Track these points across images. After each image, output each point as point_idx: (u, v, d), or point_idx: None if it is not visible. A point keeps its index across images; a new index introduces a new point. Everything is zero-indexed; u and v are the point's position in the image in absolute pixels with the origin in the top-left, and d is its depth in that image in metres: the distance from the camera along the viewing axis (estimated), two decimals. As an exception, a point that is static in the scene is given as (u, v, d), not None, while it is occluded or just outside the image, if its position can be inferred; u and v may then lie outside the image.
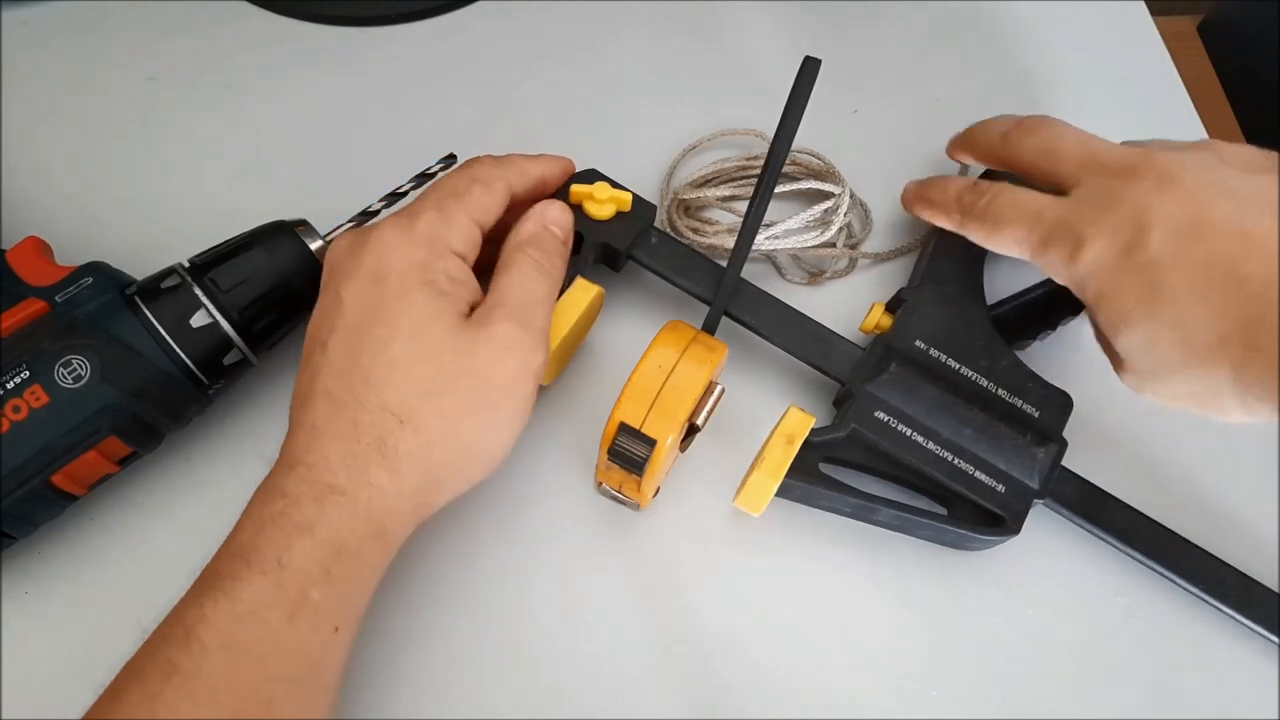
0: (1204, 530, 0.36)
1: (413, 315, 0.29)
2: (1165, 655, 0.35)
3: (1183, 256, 0.29)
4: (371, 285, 0.30)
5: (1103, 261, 0.30)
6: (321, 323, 0.30)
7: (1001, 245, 0.34)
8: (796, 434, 0.32)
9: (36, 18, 0.44)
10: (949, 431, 0.34)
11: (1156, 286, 0.29)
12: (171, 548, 0.34)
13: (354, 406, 0.28)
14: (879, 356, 0.35)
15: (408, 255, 0.30)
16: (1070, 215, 0.31)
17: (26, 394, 0.29)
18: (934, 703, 0.34)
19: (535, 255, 0.32)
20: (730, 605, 0.35)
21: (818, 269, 0.41)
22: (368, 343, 0.29)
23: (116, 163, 0.41)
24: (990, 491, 0.33)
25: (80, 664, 0.32)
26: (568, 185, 0.36)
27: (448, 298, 0.30)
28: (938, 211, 0.36)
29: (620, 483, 0.33)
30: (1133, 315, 0.30)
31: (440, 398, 0.29)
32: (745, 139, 0.44)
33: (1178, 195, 0.29)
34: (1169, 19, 0.81)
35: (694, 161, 0.43)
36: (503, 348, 0.30)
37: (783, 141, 0.32)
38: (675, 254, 0.37)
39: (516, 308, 0.30)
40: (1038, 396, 0.35)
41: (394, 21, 0.46)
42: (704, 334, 0.33)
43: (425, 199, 0.32)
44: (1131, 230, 0.30)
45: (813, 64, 0.31)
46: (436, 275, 0.30)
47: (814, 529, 0.36)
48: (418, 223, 0.30)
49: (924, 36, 0.48)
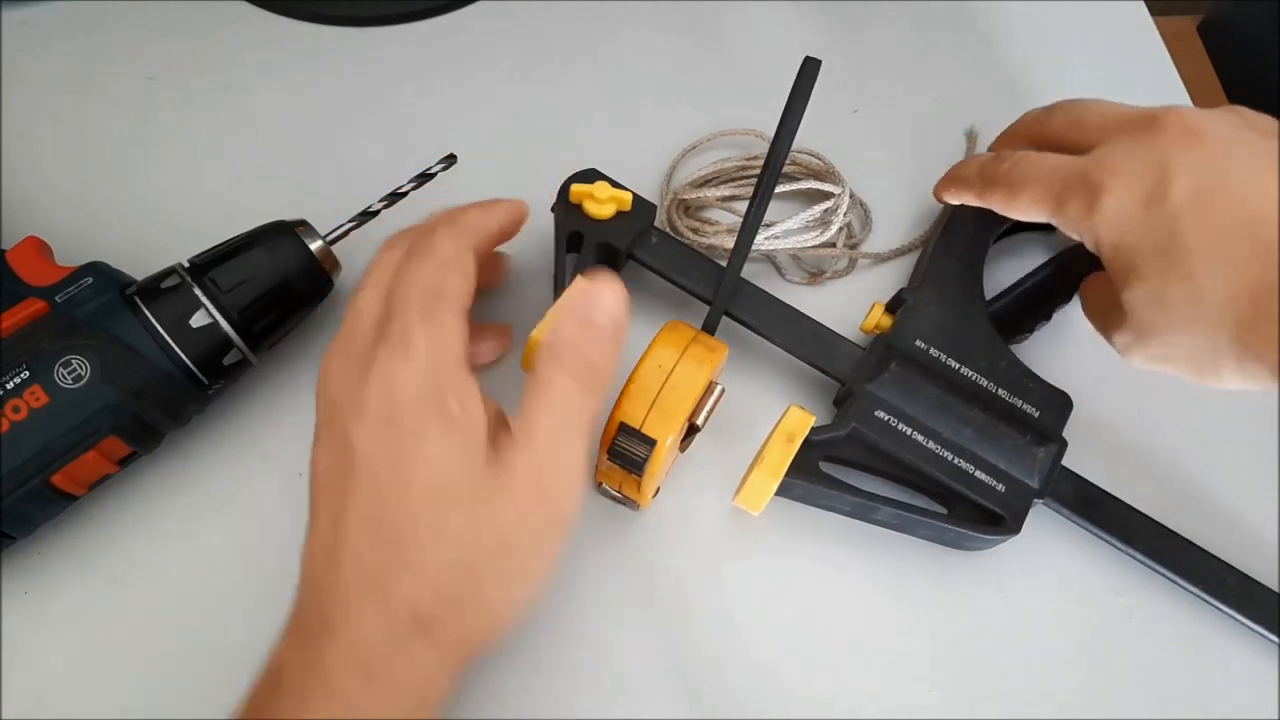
0: (1204, 530, 0.36)
1: (432, 461, 0.26)
2: (1166, 655, 0.35)
3: (1202, 212, 0.28)
4: (383, 428, 0.27)
5: (1121, 212, 0.30)
6: (334, 473, 0.27)
7: (1021, 208, 0.33)
8: (797, 433, 0.32)
9: (36, 18, 0.44)
10: (949, 431, 0.34)
11: (1173, 240, 0.29)
12: (171, 548, 0.34)
13: (385, 575, 0.26)
14: (879, 356, 0.35)
15: (415, 384, 0.27)
16: (1091, 167, 0.31)
17: (26, 394, 0.29)
18: (934, 703, 0.34)
19: (577, 366, 0.28)
20: (730, 605, 0.35)
21: (818, 269, 0.41)
22: (389, 501, 0.26)
23: (116, 163, 0.41)
24: (990, 491, 0.33)
25: (80, 664, 0.32)
26: (566, 188, 0.36)
27: (466, 432, 0.27)
28: (960, 187, 0.36)
29: (620, 483, 0.33)
30: (1145, 267, 0.30)
31: (471, 564, 0.27)
32: (745, 139, 0.44)
33: (1202, 151, 0.29)
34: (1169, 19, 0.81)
35: (694, 161, 0.43)
36: (529, 502, 0.27)
37: (783, 141, 0.32)
38: (675, 254, 0.37)
39: (547, 448, 0.27)
40: (1038, 396, 0.35)
41: (394, 21, 0.46)
42: (704, 334, 0.33)
43: (405, 306, 0.28)
44: (1153, 182, 0.29)
45: (813, 64, 0.31)
46: (449, 404, 0.27)
47: (814, 528, 0.36)
48: (414, 342, 0.27)
49: (924, 36, 0.48)
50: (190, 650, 0.32)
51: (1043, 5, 0.50)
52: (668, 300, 0.39)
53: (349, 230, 0.35)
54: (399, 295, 0.28)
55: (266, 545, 0.34)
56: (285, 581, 0.33)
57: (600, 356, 0.28)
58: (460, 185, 0.38)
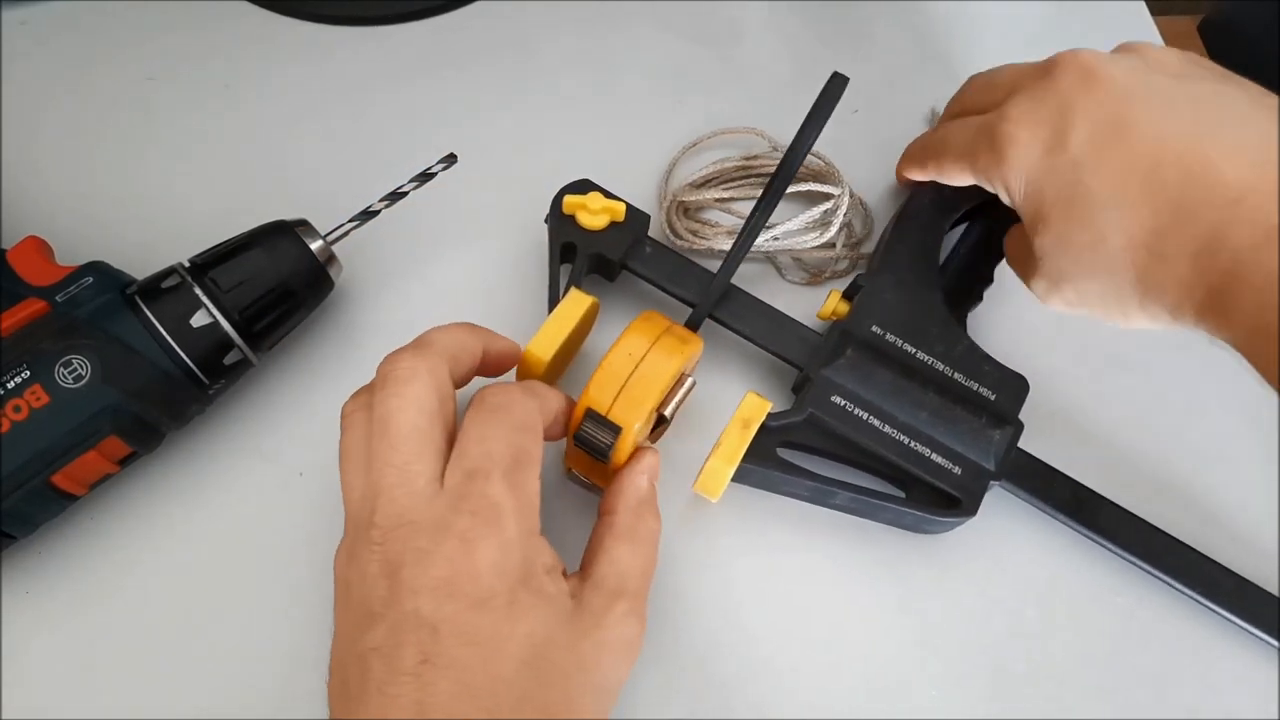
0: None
1: (534, 638, 0.25)
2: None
3: (1100, 157, 0.29)
4: (470, 608, 0.25)
5: (1026, 161, 0.30)
6: (404, 652, 0.24)
7: (950, 172, 0.34)
8: (753, 418, 0.32)
9: (36, 18, 0.44)
10: (904, 415, 0.34)
11: (1073, 186, 0.29)
12: (171, 548, 0.34)
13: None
14: (835, 342, 0.35)
15: (505, 560, 0.25)
16: (994, 120, 0.31)
17: (27, 394, 0.29)
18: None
19: (653, 524, 0.30)
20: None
21: (819, 270, 0.41)
22: (482, 689, 0.24)
23: (116, 163, 0.41)
24: (946, 474, 0.34)
25: (80, 664, 0.32)
26: (559, 199, 0.37)
27: (556, 602, 0.26)
28: (906, 163, 0.37)
29: (588, 469, 0.33)
30: (1051, 214, 0.30)
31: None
32: (745, 138, 0.44)
33: (1100, 94, 0.29)
34: (1169, 19, 0.81)
35: (693, 161, 0.43)
36: (623, 652, 0.27)
37: (796, 155, 0.32)
38: (670, 263, 0.37)
39: (635, 596, 0.28)
40: (993, 379, 0.35)
41: (394, 21, 0.46)
42: (679, 326, 0.33)
43: (489, 472, 0.26)
44: (1052, 129, 0.30)
45: (839, 80, 0.31)
46: (540, 579, 0.26)
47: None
48: (503, 513, 0.26)
49: (925, 36, 0.48)
50: (190, 650, 0.32)
51: (1043, 5, 0.50)
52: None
53: (349, 230, 0.35)
54: (478, 458, 0.26)
55: (266, 545, 0.34)
56: (285, 581, 0.33)
57: (656, 507, 0.31)
58: (461, 185, 0.38)
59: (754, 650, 0.34)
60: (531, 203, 0.38)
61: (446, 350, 0.29)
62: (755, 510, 0.36)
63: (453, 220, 0.40)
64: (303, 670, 0.31)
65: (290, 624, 0.32)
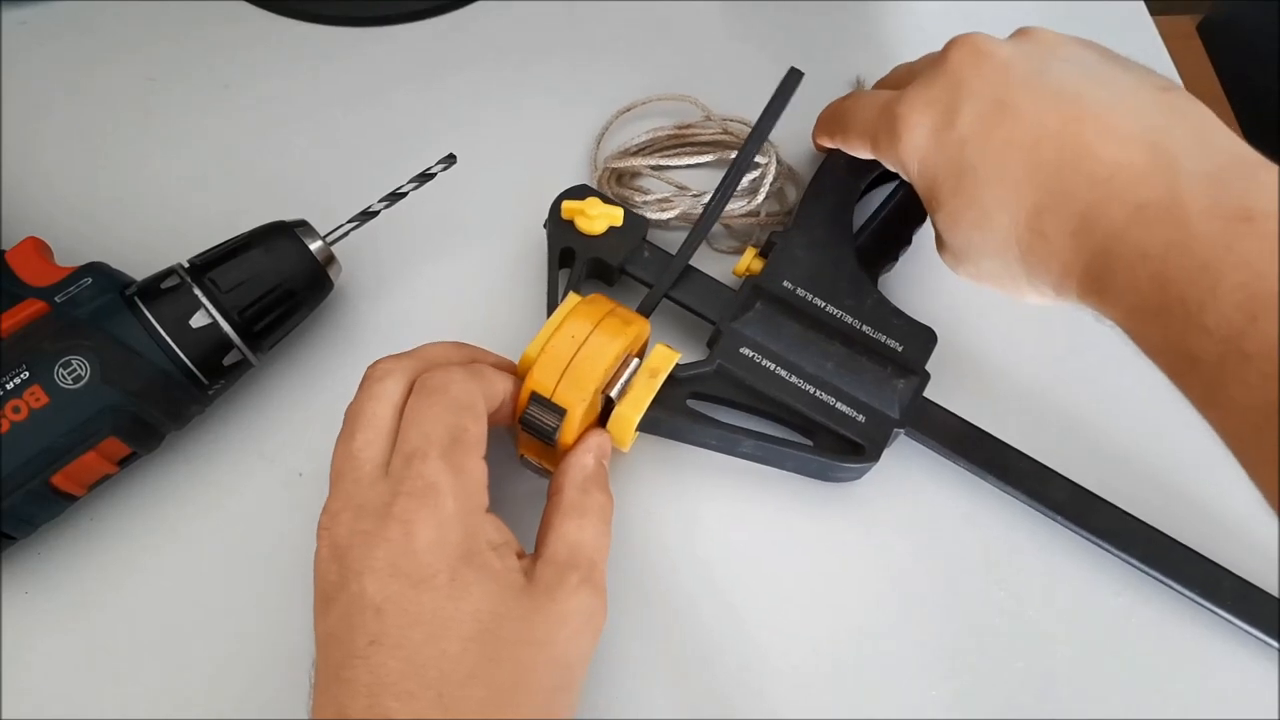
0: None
1: (479, 615, 0.25)
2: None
3: (985, 136, 0.29)
4: (412, 587, 0.25)
5: (919, 141, 0.31)
6: (352, 636, 0.25)
7: (854, 145, 0.35)
8: (660, 368, 0.33)
9: (36, 18, 0.44)
10: (811, 365, 0.35)
11: (960, 164, 0.29)
12: (171, 548, 0.34)
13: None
14: (746, 296, 0.36)
15: (445, 537, 0.26)
16: (892, 101, 0.32)
17: (26, 394, 0.29)
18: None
19: (601, 499, 0.30)
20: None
21: (747, 236, 0.41)
22: (429, 663, 0.25)
23: (116, 163, 0.41)
24: (851, 422, 0.34)
25: (80, 664, 0.32)
26: (558, 204, 0.37)
27: (504, 578, 0.26)
28: (818, 130, 0.38)
29: (540, 455, 0.33)
30: (942, 193, 0.30)
31: (532, 691, 0.26)
32: (677, 105, 0.43)
33: (987, 74, 0.30)
34: (1169, 19, 0.81)
35: (626, 130, 0.43)
36: (581, 623, 0.27)
37: (754, 144, 0.32)
38: (669, 268, 0.37)
39: (590, 568, 0.28)
40: (902, 332, 0.36)
41: (394, 21, 0.46)
42: (624, 308, 0.33)
43: (425, 452, 0.27)
44: (943, 109, 0.30)
45: (795, 76, 0.31)
46: (485, 556, 0.26)
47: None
48: (440, 491, 0.26)
49: (924, 35, 0.48)
50: (190, 650, 0.32)
51: (1042, 5, 0.49)
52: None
53: (349, 230, 0.35)
54: (415, 439, 0.27)
55: (266, 545, 0.34)
56: (284, 581, 0.33)
57: (606, 484, 0.31)
58: (460, 185, 0.38)
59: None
60: (531, 202, 0.38)
61: (429, 359, 0.30)
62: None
63: (452, 221, 0.40)
64: (302, 670, 0.31)
65: (290, 624, 0.32)
